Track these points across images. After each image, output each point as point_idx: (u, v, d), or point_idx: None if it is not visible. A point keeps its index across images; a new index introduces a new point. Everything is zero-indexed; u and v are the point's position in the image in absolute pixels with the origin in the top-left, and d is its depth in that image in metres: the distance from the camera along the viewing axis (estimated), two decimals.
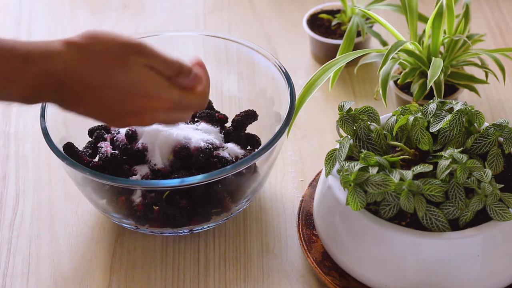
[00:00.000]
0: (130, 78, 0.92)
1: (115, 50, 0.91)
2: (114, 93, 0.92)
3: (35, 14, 1.55)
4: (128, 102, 0.93)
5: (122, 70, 0.91)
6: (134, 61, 0.92)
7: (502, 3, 1.53)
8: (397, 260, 1.02)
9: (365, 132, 1.07)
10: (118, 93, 0.92)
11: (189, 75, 0.96)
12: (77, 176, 1.11)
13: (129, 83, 0.92)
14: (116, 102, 0.92)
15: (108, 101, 0.92)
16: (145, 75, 0.92)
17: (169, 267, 1.15)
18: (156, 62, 0.93)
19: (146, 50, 0.92)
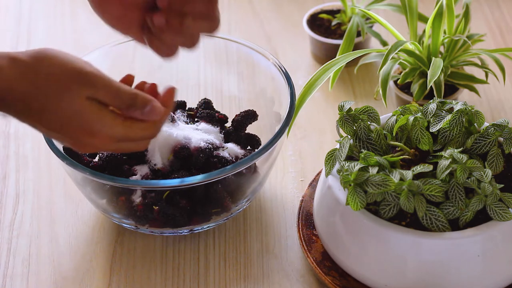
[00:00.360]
0: (70, 108, 0.89)
1: (60, 77, 0.89)
2: (54, 118, 0.90)
3: (35, 14, 1.55)
4: (68, 130, 0.91)
5: (64, 98, 0.89)
6: (77, 91, 0.89)
7: (502, 3, 1.53)
8: (397, 260, 1.02)
9: (365, 132, 1.07)
10: (58, 119, 0.90)
11: (144, 108, 0.92)
12: (77, 176, 1.11)
13: (68, 113, 0.89)
14: (57, 127, 0.90)
15: (48, 125, 0.90)
16: (85, 108, 0.89)
17: (169, 267, 1.15)
18: (103, 94, 0.90)
19: (93, 81, 0.90)
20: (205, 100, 1.23)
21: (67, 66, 0.89)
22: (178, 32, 0.98)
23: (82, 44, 1.49)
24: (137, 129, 0.93)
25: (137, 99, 0.91)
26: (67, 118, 0.89)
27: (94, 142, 0.92)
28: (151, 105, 0.92)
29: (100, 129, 0.91)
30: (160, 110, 0.93)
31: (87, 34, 1.49)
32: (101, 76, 0.90)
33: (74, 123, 0.90)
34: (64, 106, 0.89)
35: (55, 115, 0.89)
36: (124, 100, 0.91)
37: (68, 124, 0.90)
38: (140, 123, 0.93)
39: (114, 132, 0.91)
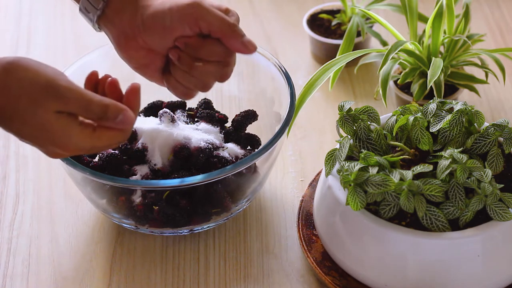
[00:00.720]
0: (38, 121, 0.90)
1: (30, 90, 0.90)
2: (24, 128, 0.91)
3: (35, 14, 1.55)
4: (37, 141, 0.92)
5: (32, 112, 0.90)
6: (45, 105, 0.90)
7: (502, 3, 1.53)
8: (397, 260, 1.02)
9: (365, 132, 1.07)
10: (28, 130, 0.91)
11: (116, 118, 0.92)
12: (77, 176, 1.11)
13: (36, 125, 0.90)
14: (27, 136, 0.92)
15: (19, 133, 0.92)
16: (52, 123, 0.90)
17: (169, 267, 1.15)
18: (73, 107, 0.91)
19: (63, 95, 0.90)
20: (205, 100, 1.23)
21: (38, 79, 0.90)
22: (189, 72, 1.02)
23: (82, 44, 1.49)
24: (106, 139, 0.94)
25: (108, 111, 0.92)
26: (36, 130, 0.91)
27: (63, 152, 0.94)
28: (123, 114, 0.93)
29: (66, 143, 0.92)
30: (131, 118, 0.94)
31: (87, 34, 1.49)
32: (71, 88, 0.91)
33: (41, 135, 0.91)
34: (32, 119, 0.90)
35: (24, 126, 0.91)
36: (95, 112, 0.92)
37: (37, 136, 0.92)
38: (109, 131, 0.94)
39: (81, 145, 0.93)
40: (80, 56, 1.21)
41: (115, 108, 0.92)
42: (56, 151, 0.93)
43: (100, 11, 1.02)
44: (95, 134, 0.93)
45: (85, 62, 1.21)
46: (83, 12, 1.03)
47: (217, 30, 1.00)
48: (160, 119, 1.16)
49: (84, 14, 1.03)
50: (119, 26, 1.01)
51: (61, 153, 0.94)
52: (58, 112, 0.90)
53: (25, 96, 0.90)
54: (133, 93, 0.95)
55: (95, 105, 0.91)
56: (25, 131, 0.91)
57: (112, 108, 0.92)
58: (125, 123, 0.93)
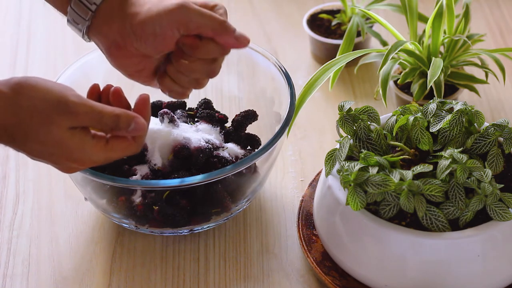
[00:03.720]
0: (52, 139, 0.91)
1: (42, 109, 0.90)
2: (38, 147, 0.92)
3: (35, 14, 1.55)
4: (51, 158, 0.93)
5: (46, 130, 0.91)
6: (58, 123, 0.91)
7: (502, 3, 1.53)
8: (397, 260, 1.02)
9: (365, 132, 1.07)
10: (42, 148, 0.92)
11: (128, 127, 0.94)
12: (77, 176, 1.11)
13: (51, 143, 0.91)
14: (41, 155, 0.93)
15: (32, 152, 0.93)
16: (67, 140, 0.91)
17: (169, 267, 1.15)
18: (85, 121, 0.92)
19: (74, 110, 0.91)
20: (205, 100, 1.23)
21: (48, 96, 0.91)
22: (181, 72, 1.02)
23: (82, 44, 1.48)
24: (119, 149, 0.95)
25: (119, 121, 0.93)
26: (50, 148, 0.92)
27: (79, 166, 0.95)
28: (135, 122, 0.94)
29: (82, 157, 0.93)
30: (143, 125, 0.94)
31: None
32: (82, 103, 0.92)
33: (57, 152, 0.92)
34: (47, 137, 0.91)
35: (38, 145, 0.91)
36: (107, 124, 0.93)
37: (51, 153, 0.92)
38: (122, 142, 0.94)
39: (96, 158, 0.94)
40: (80, 56, 1.21)
41: (126, 117, 0.93)
42: (71, 165, 0.94)
43: (88, 21, 1.01)
44: (108, 146, 0.94)
45: (85, 62, 1.21)
46: (71, 23, 1.03)
47: (208, 30, 1.00)
48: (160, 119, 1.16)
49: (73, 25, 1.03)
50: (109, 35, 1.01)
51: (77, 167, 0.95)
52: (71, 128, 0.91)
53: (38, 115, 0.90)
54: (143, 103, 0.97)
55: (106, 117, 0.92)
56: (39, 150, 0.92)
57: (123, 118, 0.93)
58: (138, 130, 0.94)
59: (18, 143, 0.92)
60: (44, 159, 0.93)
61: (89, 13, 1.01)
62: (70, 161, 0.93)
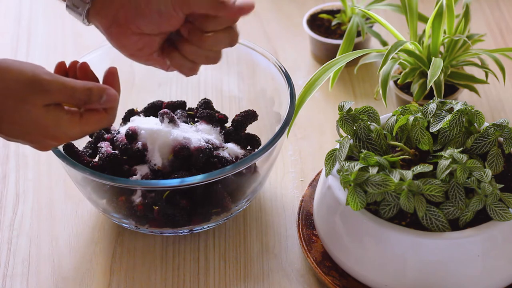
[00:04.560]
0: (28, 118, 0.93)
1: (15, 90, 0.92)
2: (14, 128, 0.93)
3: (35, 14, 1.55)
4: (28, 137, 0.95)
5: (21, 110, 0.92)
6: (33, 102, 0.92)
7: (502, 3, 1.53)
8: (397, 260, 1.02)
9: (365, 132, 1.07)
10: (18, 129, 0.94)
11: (100, 99, 0.95)
12: (77, 176, 1.11)
13: (27, 123, 0.93)
14: (18, 135, 0.94)
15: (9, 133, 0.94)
16: (42, 117, 0.93)
17: (169, 267, 1.15)
18: (58, 97, 0.93)
19: (47, 87, 0.92)
20: (205, 100, 1.23)
21: (21, 77, 0.92)
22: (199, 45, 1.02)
23: (82, 44, 1.49)
24: (93, 123, 0.97)
25: (91, 94, 0.95)
26: (26, 127, 0.93)
27: (55, 143, 0.97)
28: (106, 93, 0.96)
29: (58, 133, 0.95)
30: (115, 95, 0.97)
31: (87, 34, 1.49)
32: (54, 80, 0.93)
33: (33, 131, 0.94)
34: (22, 117, 0.92)
35: (14, 125, 0.93)
36: (80, 98, 0.94)
37: (27, 132, 0.94)
38: (95, 115, 0.96)
39: (71, 133, 0.96)
40: (80, 56, 1.21)
41: (98, 90, 0.95)
42: (48, 143, 0.96)
43: (89, 4, 1.02)
44: (83, 120, 0.96)
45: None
46: (70, 8, 1.04)
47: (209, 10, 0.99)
48: (160, 119, 1.16)
49: (72, 10, 1.04)
50: (109, 15, 1.01)
51: (53, 144, 0.97)
52: (46, 106, 0.93)
53: (12, 96, 0.92)
54: (111, 75, 0.99)
55: (79, 91, 0.94)
56: (16, 130, 0.94)
57: (95, 90, 0.95)
58: (110, 101, 0.96)
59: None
60: (20, 139, 0.95)
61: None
62: (47, 139, 0.95)
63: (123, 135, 1.15)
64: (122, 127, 1.19)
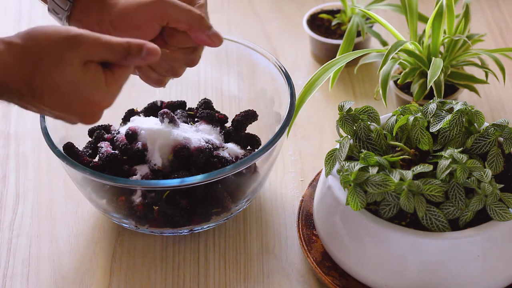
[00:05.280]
0: (67, 81, 0.88)
1: (51, 49, 0.88)
2: (56, 95, 0.89)
3: (35, 14, 1.55)
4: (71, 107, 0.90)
5: (58, 71, 0.88)
6: (70, 59, 0.88)
7: (502, 3, 1.53)
8: (397, 260, 1.02)
9: (365, 132, 1.07)
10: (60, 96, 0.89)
11: (141, 53, 0.90)
12: (77, 176, 1.11)
13: (65, 86, 0.89)
14: (61, 105, 0.90)
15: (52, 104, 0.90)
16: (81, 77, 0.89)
17: (169, 267, 1.15)
18: (96, 52, 0.89)
19: (82, 42, 0.88)
20: (205, 100, 1.23)
21: (55, 36, 0.89)
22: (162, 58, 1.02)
23: None
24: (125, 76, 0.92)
25: (131, 48, 0.90)
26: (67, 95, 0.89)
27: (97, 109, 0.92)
28: (146, 48, 0.91)
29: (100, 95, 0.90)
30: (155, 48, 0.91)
31: None
32: (90, 35, 0.89)
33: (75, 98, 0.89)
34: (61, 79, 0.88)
35: (55, 92, 0.89)
36: (119, 52, 0.90)
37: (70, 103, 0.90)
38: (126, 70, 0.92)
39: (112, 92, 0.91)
40: None
41: (136, 43, 0.90)
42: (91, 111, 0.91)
43: (68, 12, 1.01)
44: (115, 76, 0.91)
45: None
46: (52, 12, 1.03)
47: (184, 24, 1.00)
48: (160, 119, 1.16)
49: (53, 14, 1.03)
50: (87, 25, 1.00)
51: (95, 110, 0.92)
52: (84, 64, 0.89)
53: (48, 57, 0.88)
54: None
55: (117, 46, 0.90)
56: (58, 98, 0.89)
57: (134, 45, 0.90)
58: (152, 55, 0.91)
59: (37, 96, 0.89)
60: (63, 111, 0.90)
61: (68, 4, 1.01)
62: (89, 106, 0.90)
63: (123, 135, 1.15)
64: (122, 127, 1.20)
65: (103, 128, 1.20)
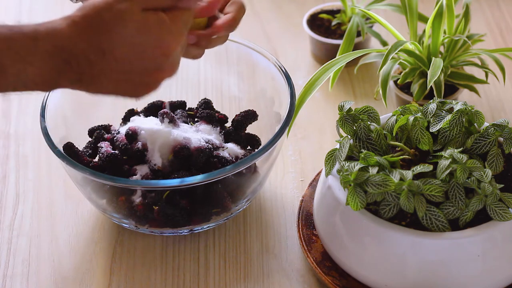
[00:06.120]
0: (131, 30, 0.88)
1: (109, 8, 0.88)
2: (127, 50, 0.89)
3: (35, 14, 1.55)
4: (145, 55, 0.90)
5: (121, 25, 0.88)
6: (127, 9, 0.88)
7: (502, 3, 1.53)
8: (397, 260, 1.02)
9: (365, 132, 1.07)
10: (131, 49, 0.89)
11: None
12: (77, 176, 1.11)
13: (133, 37, 0.88)
14: (133, 60, 0.89)
15: (125, 62, 0.89)
16: (144, 22, 0.88)
17: (169, 267, 1.15)
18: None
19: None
20: (205, 100, 1.23)
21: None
22: None
23: None
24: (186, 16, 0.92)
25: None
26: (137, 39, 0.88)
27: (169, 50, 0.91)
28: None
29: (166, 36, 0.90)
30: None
31: None
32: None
33: (146, 42, 0.89)
34: (128, 27, 0.88)
35: (126, 44, 0.88)
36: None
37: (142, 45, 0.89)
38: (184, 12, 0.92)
39: (178, 29, 0.91)
40: None
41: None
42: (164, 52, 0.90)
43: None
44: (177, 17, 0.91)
45: None
46: None
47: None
48: (160, 119, 1.16)
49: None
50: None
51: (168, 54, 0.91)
52: (143, 11, 0.89)
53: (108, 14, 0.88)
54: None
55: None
56: (128, 50, 0.88)
57: None
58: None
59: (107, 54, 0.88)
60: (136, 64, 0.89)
61: None
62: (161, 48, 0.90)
63: (123, 135, 1.15)
64: (122, 127, 1.20)
65: (103, 128, 1.20)
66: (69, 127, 1.18)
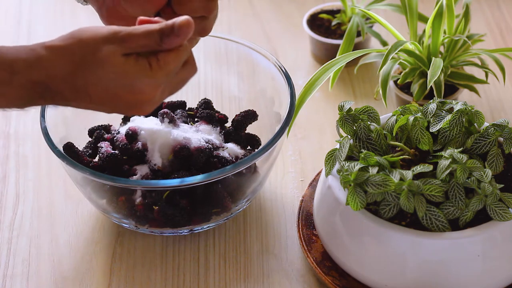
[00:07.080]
0: (108, 71, 0.89)
1: (92, 46, 0.89)
2: (100, 91, 0.90)
3: (35, 14, 1.55)
4: (118, 99, 0.91)
5: (99, 65, 0.89)
6: (109, 52, 0.89)
7: (502, 3, 1.53)
8: (397, 260, 1.02)
9: (365, 132, 1.07)
10: (104, 91, 0.90)
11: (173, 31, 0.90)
12: (77, 176, 1.11)
13: (108, 78, 0.89)
14: (106, 101, 0.91)
15: (98, 99, 0.90)
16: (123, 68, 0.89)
17: (169, 267, 1.15)
18: (134, 43, 0.90)
19: (119, 35, 0.89)
20: (205, 100, 1.23)
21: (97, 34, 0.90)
22: None
23: None
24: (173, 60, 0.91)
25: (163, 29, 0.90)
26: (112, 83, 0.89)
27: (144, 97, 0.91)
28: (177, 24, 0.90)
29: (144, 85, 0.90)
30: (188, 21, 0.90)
31: None
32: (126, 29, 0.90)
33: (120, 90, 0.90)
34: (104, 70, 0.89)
35: (100, 85, 0.89)
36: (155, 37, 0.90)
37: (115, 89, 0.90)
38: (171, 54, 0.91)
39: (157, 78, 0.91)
40: None
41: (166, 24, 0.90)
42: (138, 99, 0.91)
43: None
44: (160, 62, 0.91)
45: None
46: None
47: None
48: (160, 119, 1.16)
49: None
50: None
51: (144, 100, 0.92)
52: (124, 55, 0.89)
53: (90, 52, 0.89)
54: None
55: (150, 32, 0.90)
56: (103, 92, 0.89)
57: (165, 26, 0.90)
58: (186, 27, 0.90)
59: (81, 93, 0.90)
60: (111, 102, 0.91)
61: None
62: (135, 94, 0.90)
63: (123, 135, 1.15)
64: (122, 127, 1.20)
65: (103, 128, 1.20)
66: (69, 127, 1.18)
